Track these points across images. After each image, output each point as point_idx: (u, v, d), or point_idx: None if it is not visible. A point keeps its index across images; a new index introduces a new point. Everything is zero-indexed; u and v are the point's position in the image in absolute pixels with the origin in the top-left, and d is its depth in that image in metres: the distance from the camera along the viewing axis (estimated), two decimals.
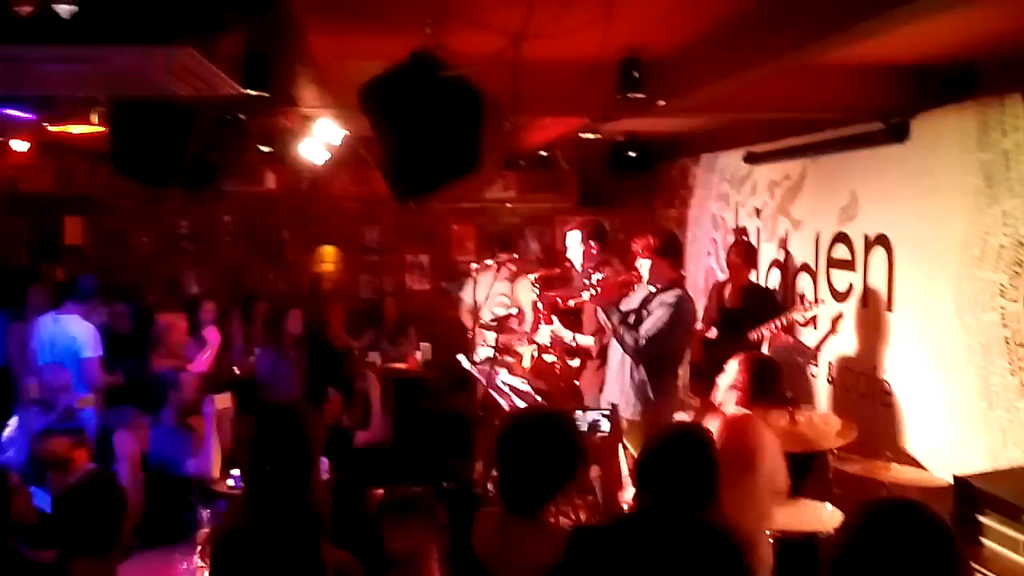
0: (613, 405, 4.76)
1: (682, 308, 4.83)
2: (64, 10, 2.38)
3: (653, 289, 4.91)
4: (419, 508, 6.95)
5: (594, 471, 5.11)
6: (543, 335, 5.80)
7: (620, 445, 4.52)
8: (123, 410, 5.21)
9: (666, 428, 2.81)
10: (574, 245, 5.75)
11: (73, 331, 5.86)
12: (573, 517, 5.08)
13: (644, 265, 4.94)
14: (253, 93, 3.83)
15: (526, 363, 5.93)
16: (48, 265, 9.07)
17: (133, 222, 9.21)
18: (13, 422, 5.22)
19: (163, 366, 6.17)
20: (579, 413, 3.20)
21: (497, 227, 9.40)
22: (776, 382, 3.89)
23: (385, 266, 9.60)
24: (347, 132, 5.64)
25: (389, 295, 9.08)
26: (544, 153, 8.91)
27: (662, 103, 4.34)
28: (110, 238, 9.21)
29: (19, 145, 7.92)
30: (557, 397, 5.69)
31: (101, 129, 4.03)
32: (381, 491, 6.50)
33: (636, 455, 3.03)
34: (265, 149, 6.14)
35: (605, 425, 3.15)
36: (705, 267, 7.94)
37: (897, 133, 4.82)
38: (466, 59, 3.34)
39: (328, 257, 9.54)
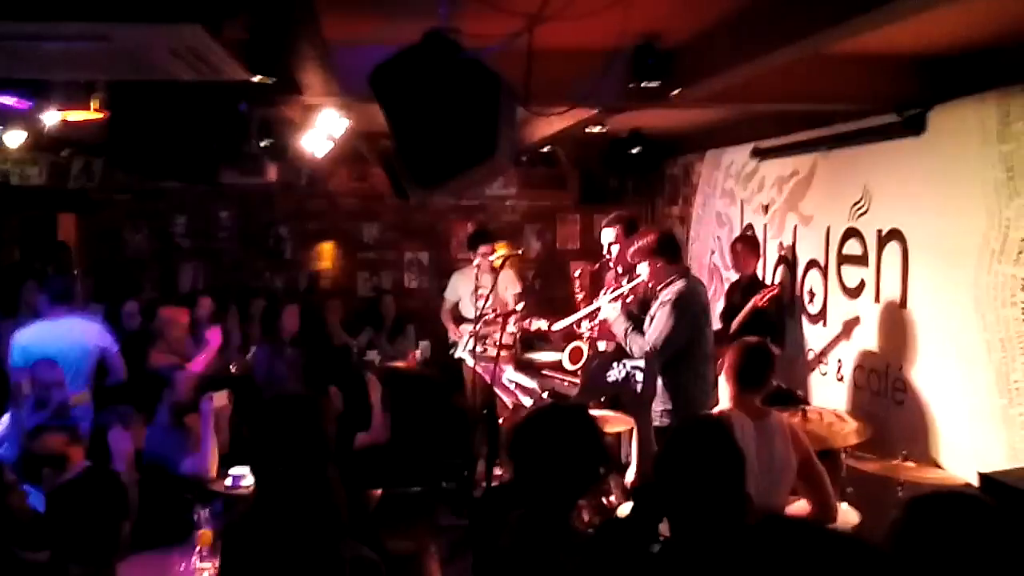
0: (648, 352, 4.50)
1: (683, 302, 4.61)
2: None
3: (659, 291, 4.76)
4: (418, 509, 6.84)
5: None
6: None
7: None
8: (118, 408, 5.07)
9: (682, 422, 2.61)
10: (608, 241, 5.58)
11: (76, 330, 5.71)
12: (585, 519, 4.96)
13: (643, 269, 4.82)
14: (258, 79, 3.71)
15: (566, 363, 5.69)
16: (40, 262, 8.94)
17: (127, 218, 9.07)
18: (5, 419, 5.08)
19: (161, 361, 6.04)
20: (615, 364, 3.00)
21: (497, 224, 9.26)
22: (767, 368, 3.74)
23: (383, 263, 9.48)
24: (350, 123, 5.51)
25: (387, 293, 8.96)
26: (545, 150, 8.79)
27: (676, 92, 4.23)
28: (104, 235, 9.07)
29: (12, 139, 7.76)
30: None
31: (100, 116, 3.91)
32: (379, 492, 6.39)
33: None
34: (264, 143, 6.02)
35: (640, 377, 2.96)
36: (708, 266, 7.84)
37: (913, 125, 4.72)
38: (479, 43, 3.23)
39: (326, 254, 9.42)
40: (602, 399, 4.99)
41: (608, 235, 5.58)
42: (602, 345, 5.39)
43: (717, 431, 2.23)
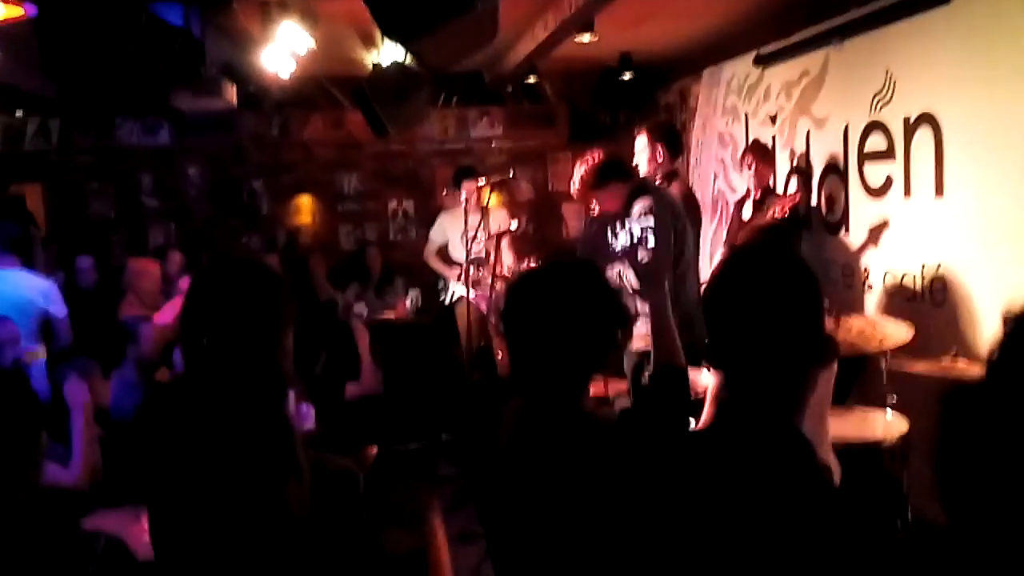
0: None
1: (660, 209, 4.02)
2: None
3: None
4: (418, 463, 6.41)
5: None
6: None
7: None
8: (78, 362, 4.58)
9: (732, 252, 2.04)
10: (640, 149, 5.01)
11: (21, 284, 5.22)
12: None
13: (603, 200, 4.22)
14: None
15: None
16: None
17: (90, 180, 8.52)
18: None
19: (131, 313, 5.56)
20: (618, 227, 2.45)
21: (484, 168, 8.74)
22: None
23: (366, 215, 8.96)
24: (312, 39, 4.99)
25: (372, 244, 8.45)
26: (531, 80, 8.27)
27: None
28: (67, 199, 8.52)
29: None
30: None
31: (20, 11, 3.39)
32: (375, 449, 5.96)
33: None
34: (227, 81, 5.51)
35: (652, 241, 2.43)
36: (713, 192, 7.36)
37: None
38: None
39: (304, 208, 8.89)
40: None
41: (640, 142, 4.97)
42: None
43: (783, 250, 1.72)
